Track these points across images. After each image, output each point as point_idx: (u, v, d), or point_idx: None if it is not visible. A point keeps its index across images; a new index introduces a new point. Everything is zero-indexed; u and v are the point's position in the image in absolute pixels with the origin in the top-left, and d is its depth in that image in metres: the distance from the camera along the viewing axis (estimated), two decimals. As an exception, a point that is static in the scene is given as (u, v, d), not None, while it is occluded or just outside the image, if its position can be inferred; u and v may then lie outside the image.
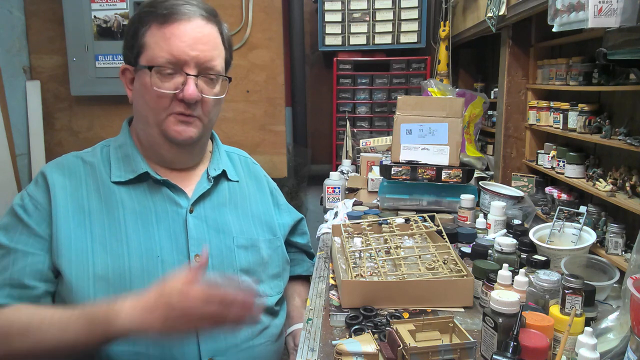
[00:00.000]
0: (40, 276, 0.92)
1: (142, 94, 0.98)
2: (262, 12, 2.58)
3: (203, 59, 0.96)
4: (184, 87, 0.95)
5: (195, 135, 1.00)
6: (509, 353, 0.75)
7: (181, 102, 0.96)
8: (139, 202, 0.99)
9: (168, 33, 0.94)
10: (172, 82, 0.95)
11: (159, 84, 0.95)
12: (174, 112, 0.97)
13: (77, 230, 0.94)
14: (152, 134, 1.00)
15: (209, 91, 0.99)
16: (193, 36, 0.95)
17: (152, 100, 0.96)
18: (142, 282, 0.92)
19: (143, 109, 0.99)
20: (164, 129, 0.98)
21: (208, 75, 0.98)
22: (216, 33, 1.00)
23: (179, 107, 0.96)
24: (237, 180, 1.13)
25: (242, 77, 2.62)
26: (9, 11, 2.42)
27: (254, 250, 1.06)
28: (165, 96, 0.95)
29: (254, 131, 2.67)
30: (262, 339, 1.03)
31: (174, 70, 0.95)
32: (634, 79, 1.21)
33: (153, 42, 0.95)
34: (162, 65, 0.94)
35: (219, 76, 1.00)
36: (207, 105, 1.00)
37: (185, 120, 0.98)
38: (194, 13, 0.96)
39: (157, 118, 0.98)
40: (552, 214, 1.39)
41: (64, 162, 1.02)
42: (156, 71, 0.94)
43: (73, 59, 2.45)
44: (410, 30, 2.93)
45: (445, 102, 1.71)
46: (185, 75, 0.95)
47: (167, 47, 0.94)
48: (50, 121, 2.60)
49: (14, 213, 0.95)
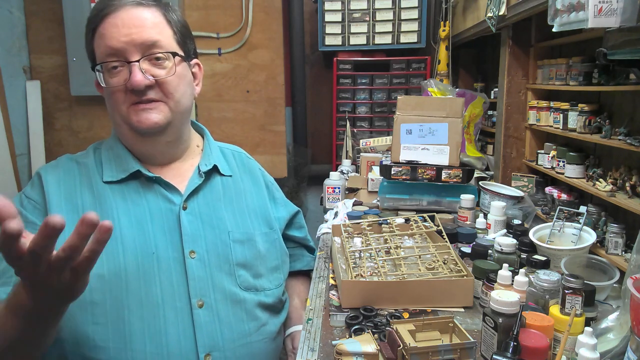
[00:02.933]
0: None
1: (105, 98, 1.00)
2: (262, 12, 2.59)
3: (139, 40, 0.95)
4: (130, 76, 0.95)
5: (160, 120, 0.98)
6: (509, 353, 0.75)
7: (133, 91, 0.95)
8: (132, 201, 0.99)
9: (102, 29, 0.96)
10: (120, 76, 0.96)
11: (108, 80, 0.96)
12: (131, 103, 0.97)
13: (71, 229, 0.93)
14: (124, 132, 1.01)
15: (159, 72, 0.97)
16: (124, 23, 0.95)
17: (110, 98, 0.98)
18: (138, 279, 0.92)
19: (109, 110, 1.01)
20: (129, 122, 0.98)
21: (152, 55, 0.96)
22: (153, 14, 0.98)
23: (133, 96, 0.96)
24: (231, 175, 1.13)
25: (242, 77, 2.63)
26: (9, 11, 2.42)
27: (250, 244, 1.06)
28: (117, 90, 0.96)
29: (254, 131, 2.67)
30: (260, 336, 1.03)
31: (118, 62, 0.95)
32: (634, 79, 1.21)
33: (96, 45, 0.98)
34: (104, 60, 0.96)
35: (166, 54, 0.97)
36: (165, 87, 0.98)
37: (145, 107, 0.97)
38: (124, 4, 0.96)
39: (120, 114, 0.98)
40: (552, 214, 1.39)
41: (59, 164, 1.04)
42: (104, 69, 0.96)
43: (73, 59, 2.45)
44: (410, 30, 2.93)
45: (445, 102, 1.71)
46: (127, 63, 0.95)
47: (104, 42, 0.95)
48: (50, 121, 2.60)
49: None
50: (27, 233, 0.65)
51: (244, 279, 1.03)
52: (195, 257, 0.98)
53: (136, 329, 0.91)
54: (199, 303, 0.95)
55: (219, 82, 2.63)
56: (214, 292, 0.98)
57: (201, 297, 0.96)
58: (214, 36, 2.60)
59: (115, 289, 0.91)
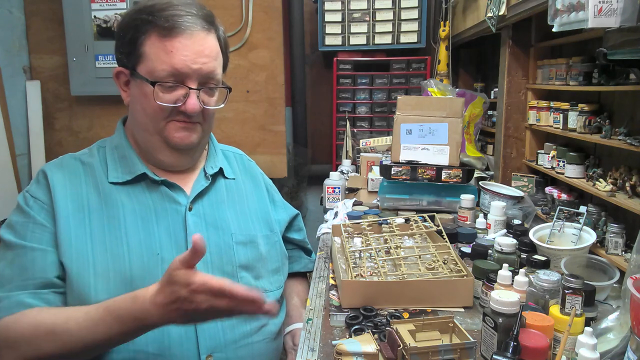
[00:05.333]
0: (61, 271, 0.93)
1: (141, 103, 0.98)
2: (262, 12, 2.58)
3: (205, 71, 0.97)
4: (186, 99, 0.96)
5: (196, 140, 1.02)
6: (509, 353, 0.75)
7: (182, 113, 0.97)
8: (138, 201, 1.00)
9: (170, 46, 0.94)
10: (174, 95, 0.96)
11: (160, 96, 0.95)
12: (174, 120, 0.98)
13: (77, 229, 0.94)
14: (152, 140, 1.01)
15: (209, 101, 1.01)
16: (195, 50, 0.95)
17: (153, 111, 0.97)
18: (143, 279, 0.92)
19: (141, 116, 1.00)
20: (166, 136, 0.99)
21: (208, 85, 0.99)
22: (216, 42, 1.00)
23: (180, 116, 0.98)
24: (234, 178, 1.15)
25: (242, 77, 2.62)
26: (9, 11, 2.42)
27: (252, 246, 1.07)
28: (167, 108, 0.97)
29: (254, 131, 2.66)
30: (261, 336, 1.03)
31: (175, 82, 0.95)
32: (634, 79, 1.21)
33: (153, 54, 0.95)
34: (164, 79, 0.95)
35: (219, 88, 1.03)
36: (207, 113, 1.02)
37: (187, 127, 0.99)
38: (194, 25, 0.95)
39: (157, 126, 0.99)
40: (552, 214, 1.39)
41: (63, 162, 1.03)
42: (158, 85, 0.95)
43: (73, 59, 2.45)
44: (410, 30, 2.93)
45: (445, 102, 1.71)
46: (187, 89, 0.96)
47: (169, 61, 0.94)
48: (50, 121, 2.60)
49: (22, 213, 0.96)
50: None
51: (246, 281, 1.03)
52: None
53: None
54: None
55: (219, 82, 2.62)
56: None
57: None
58: (214, 36, 2.59)
59: (120, 289, 0.91)
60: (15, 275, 0.91)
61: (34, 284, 0.90)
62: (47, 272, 0.91)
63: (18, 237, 0.93)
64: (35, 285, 0.90)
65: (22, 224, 0.95)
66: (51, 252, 0.93)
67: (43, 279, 0.91)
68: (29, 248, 0.92)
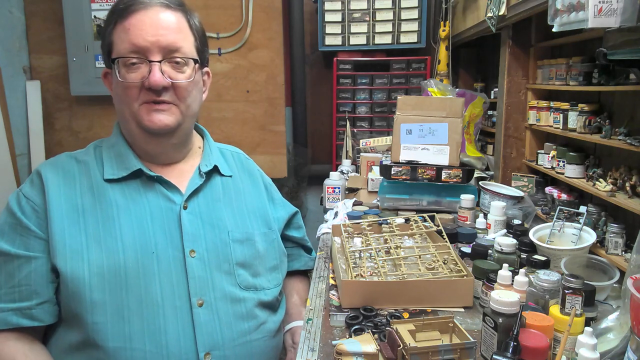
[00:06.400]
0: (47, 279, 0.93)
1: (115, 90, 1.00)
2: (262, 12, 2.58)
3: (164, 43, 0.96)
4: (149, 74, 0.95)
5: (171, 122, 0.99)
6: (509, 353, 0.75)
7: (149, 90, 0.96)
8: (133, 200, 1.00)
9: (127, 24, 0.96)
10: (139, 72, 0.96)
11: (125, 75, 0.96)
12: (145, 102, 0.97)
13: (71, 229, 0.94)
14: (131, 128, 1.01)
15: (177, 75, 0.99)
16: (152, 23, 0.96)
17: (123, 93, 0.97)
18: (138, 278, 0.93)
19: (118, 104, 1.01)
20: (139, 120, 0.98)
21: (173, 59, 0.98)
22: (179, 19, 1.00)
23: (148, 95, 0.97)
24: (230, 175, 1.14)
25: (242, 77, 2.63)
26: (9, 11, 2.42)
27: (249, 244, 1.07)
28: (133, 86, 0.96)
29: (254, 131, 2.67)
30: (260, 335, 1.03)
31: (139, 59, 0.96)
32: (634, 79, 1.21)
33: (117, 38, 0.97)
34: (125, 55, 0.95)
35: (186, 59, 0.99)
36: (180, 91, 0.99)
37: (158, 108, 0.98)
38: (151, 2, 0.97)
39: (130, 110, 0.98)
40: (552, 214, 1.39)
41: (58, 162, 1.03)
42: (121, 63, 0.96)
43: (73, 59, 2.46)
44: (410, 30, 2.93)
45: (445, 102, 1.71)
46: (149, 63, 0.96)
47: (128, 38, 0.95)
48: (50, 121, 2.60)
49: (13, 215, 0.96)
50: None
51: (243, 278, 1.03)
52: (195, 257, 0.98)
53: (136, 328, 0.91)
54: (198, 302, 0.95)
55: (219, 82, 2.63)
56: (214, 291, 0.98)
57: (201, 296, 0.96)
58: (214, 36, 2.60)
59: (115, 288, 0.91)
60: (2, 282, 0.92)
61: (19, 291, 0.91)
62: (34, 280, 0.92)
63: (6, 242, 0.94)
64: (21, 294, 0.91)
65: (12, 227, 0.95)
66: (41, 258, 0.93)
67: (28, 287, 0.92)
68: (16, 255, 0.93)
